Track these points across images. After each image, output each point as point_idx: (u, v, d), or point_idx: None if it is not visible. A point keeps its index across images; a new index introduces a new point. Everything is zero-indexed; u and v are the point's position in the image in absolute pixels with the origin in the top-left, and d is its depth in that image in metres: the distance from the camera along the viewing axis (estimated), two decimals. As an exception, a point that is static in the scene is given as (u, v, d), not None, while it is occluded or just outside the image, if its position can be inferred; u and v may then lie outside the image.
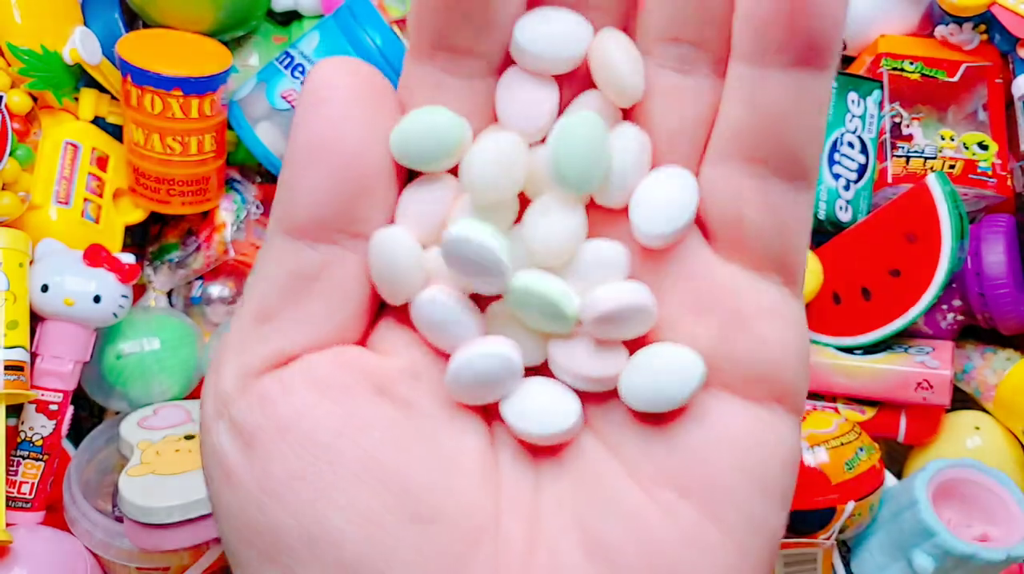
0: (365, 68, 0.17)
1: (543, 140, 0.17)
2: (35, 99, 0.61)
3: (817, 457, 0.54)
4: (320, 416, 0.16)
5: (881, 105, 0.63)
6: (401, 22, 0.68)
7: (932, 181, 0.59)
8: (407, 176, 0.18)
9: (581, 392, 0.18)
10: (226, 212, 0.66)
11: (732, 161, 0.17)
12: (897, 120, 0.63)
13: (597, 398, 0.18)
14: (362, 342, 0.18)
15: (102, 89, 0.63)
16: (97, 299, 0.57)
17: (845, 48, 0.67)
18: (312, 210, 0.17)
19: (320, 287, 0.17)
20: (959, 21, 0.64)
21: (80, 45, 0.59)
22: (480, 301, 0.18)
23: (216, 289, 0.66)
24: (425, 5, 0.17)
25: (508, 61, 0.17)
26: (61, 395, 0.57)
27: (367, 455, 0.16)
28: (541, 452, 0.18)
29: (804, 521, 0.54)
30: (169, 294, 0.68)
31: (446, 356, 0.17)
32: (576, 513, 0.17)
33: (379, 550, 0.16)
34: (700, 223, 0.18)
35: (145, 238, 0.69)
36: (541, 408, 0.17)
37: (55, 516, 0.58)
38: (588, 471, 0.17)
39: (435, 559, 0.16)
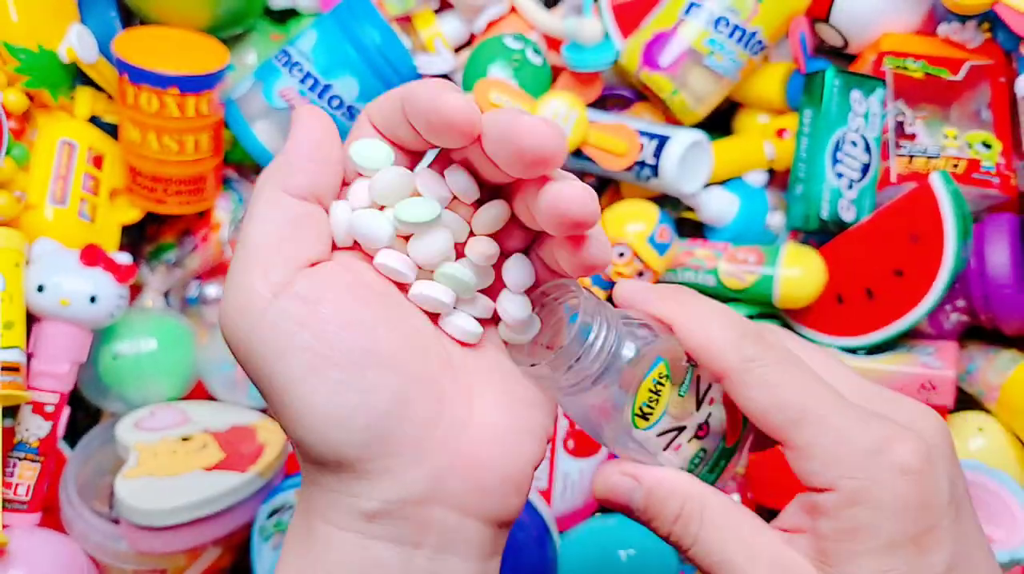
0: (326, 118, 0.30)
1: None
2: (31, 98, 0.60)
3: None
4: (341, 297, 0.27)
5: (884, 104, 0.63)
6: (401, 19, 0.68)
7: (936, 180, 0.58)
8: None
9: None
10: (223, 211, 0.65)
11: None
12: (900, 119, 0.63)
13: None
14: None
15: (99, 87, 0.63)
16: (93, 299, 0.57)
17: (848, 46, 0.67)
18: (305, 184, 0.28)
19: (309, 226, 0.28)
20: (962, 19, 0.64)
21: (76, 43, 0.59)
22: None
23: (213, 289, 0.66)
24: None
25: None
26: (57, 396, 0.57)
27: (377, 316, 0.27)
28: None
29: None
30: (166, 294, 0.67)
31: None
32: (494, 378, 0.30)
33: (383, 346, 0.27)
34: None
35: (141, 238, 0.68)
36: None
37: (52, 518, 0.58)
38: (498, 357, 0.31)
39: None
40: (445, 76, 0.69)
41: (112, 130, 0.64)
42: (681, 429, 0.30)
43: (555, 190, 0.26)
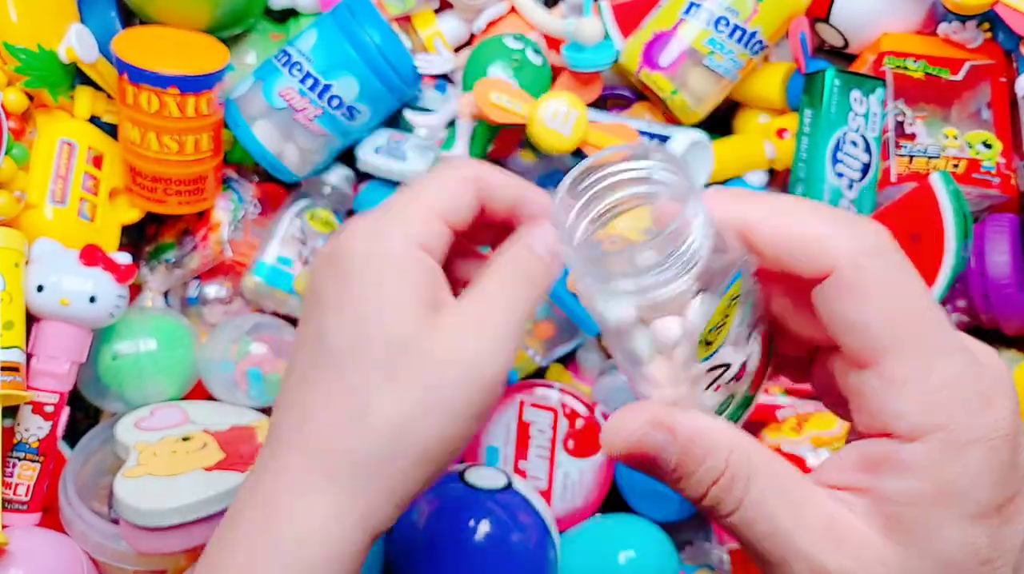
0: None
1: None
2: (31, 98, 0.60)
3: (821, 458, 0.53)
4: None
5: (884, 103, 0.63)
6: (400, 19, 0.68)
7: (936, 180, 0.58)
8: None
9: None
10: (223, 211, 0.65)
11: None
12: (900, 119, 0.63)
13: None
14: None
15: (98, 87, 0.63)
16: (93, 299, 0.56)
17: (848, 46, 0.67)
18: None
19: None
20: (963, 19, 0.64)
21: (76, 43, 0.59)
22: None
23: (212, 289, 0.66)
24: None
25: None
26: (57, 396, 0.57)
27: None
28: None
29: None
30: (165, 294, 0.67)
31: None
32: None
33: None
34: None
35: (141, 238, 0.68)
36: None
37: (51, 518, 0.58)
38: None
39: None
40: (445, 76, 0.69)
41: (112, 130, 0.64)
42: (727, 367, 0.25)
43: None
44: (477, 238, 0.35)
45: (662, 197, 0.24)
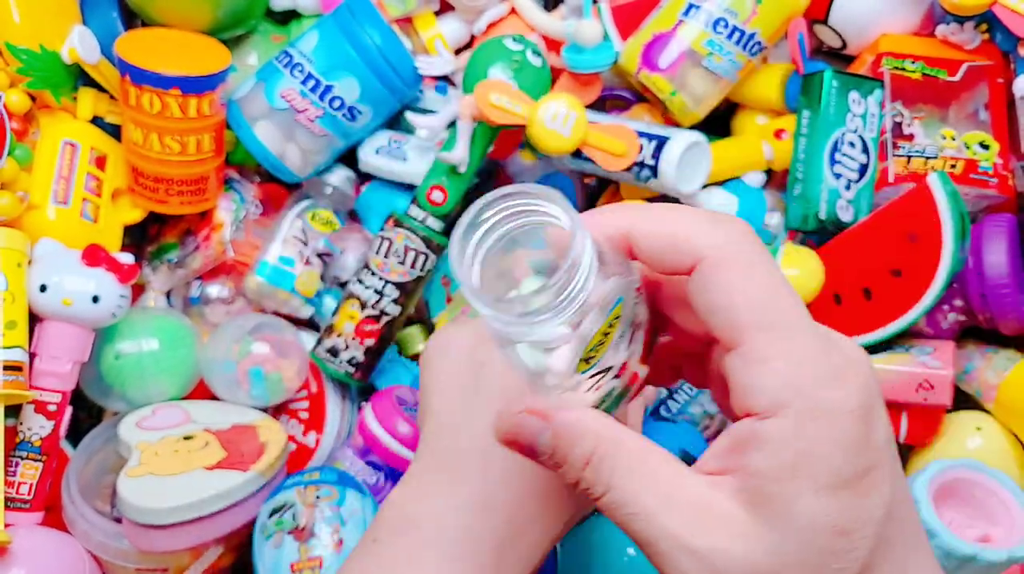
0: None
1: None
2: (33, 99, 0.60)
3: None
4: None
5: (882, 104, 0.63)
6: (401, 21, 0.68)
7: (933, 181, 0.58)
8: None
9: None
10: (225, 212, 0.65)
11: None
12: (898, 119, 0.63)
13: None
14: None
15: (101, 88, 0.63)
16: (95, 299, 0.57)
17: (846, 47, 0.67)
18: None
19: None
20: (960, 20, 0.64)
21: (78, 44, 0.59)
22: None
23: (215, 289, 0.66)
24: None
25: None
26: (60, 395, 0.57)
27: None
28: None
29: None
30: (168, 294, 0.67)
31: None
32: None
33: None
34: None
35: (143, 238, 0.68)
36: None
37: (54, 517, 0.58)
38: None
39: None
40: (445, 77, 0.69)
41: (115, 131, 0.64)
42: (608, 370, 0.27)
43: None
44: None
45: (549, 230, 0.25)
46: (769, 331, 0.25)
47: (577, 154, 0.63)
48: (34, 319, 0.57)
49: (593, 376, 0.27)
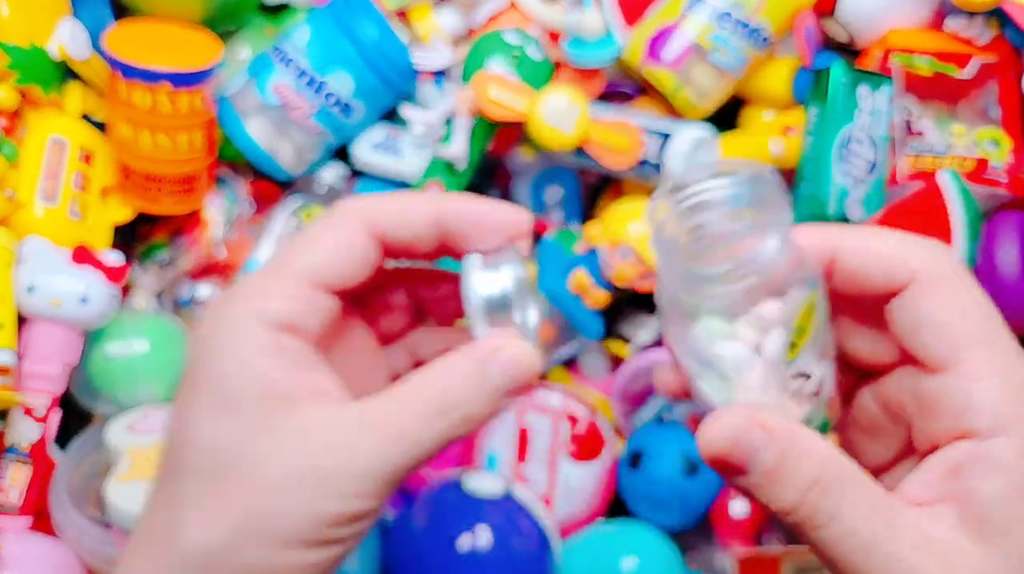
0: None
1: None
2: (22, 95, 0.59)
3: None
4: None
5: (891, 100, 0.62)
6: (397, 13, 0.67)
7: (944, 179, 0.58)
8: None
9: None
10: (216, 210, 0.65)
11: None
12: (908, 116, 0.62)
13: None
14: None
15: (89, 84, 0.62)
16: (85, 300, 0.56)
17: (854, 42, 0.66)
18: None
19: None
20: (970, 15, 0.63)
21: (68, 40, 0.58)
22: None
23: (205, 290, 0.66)
24: None
25: None
26: (49, 398, 0.56)
27: None
28: None
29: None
30: (158, 295, 0.67)
31: None
32: None
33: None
34: None
35: (133, 237, 0.68)
36: None
37: (44, 522, 0.57)
38: None
39: None
40: (442, 71, 0.68)
41: (103, 127, 0.63)
42: (807, 377, 0.26)
43: None
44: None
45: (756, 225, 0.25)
46: (988, 348, 0.24)
47: (579, 151, 0.62)
48: (22, 320, 0.56)
49: (796, 377, 0.25)
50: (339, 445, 0.25)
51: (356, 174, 0.69)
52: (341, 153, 0.68)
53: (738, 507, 0.59)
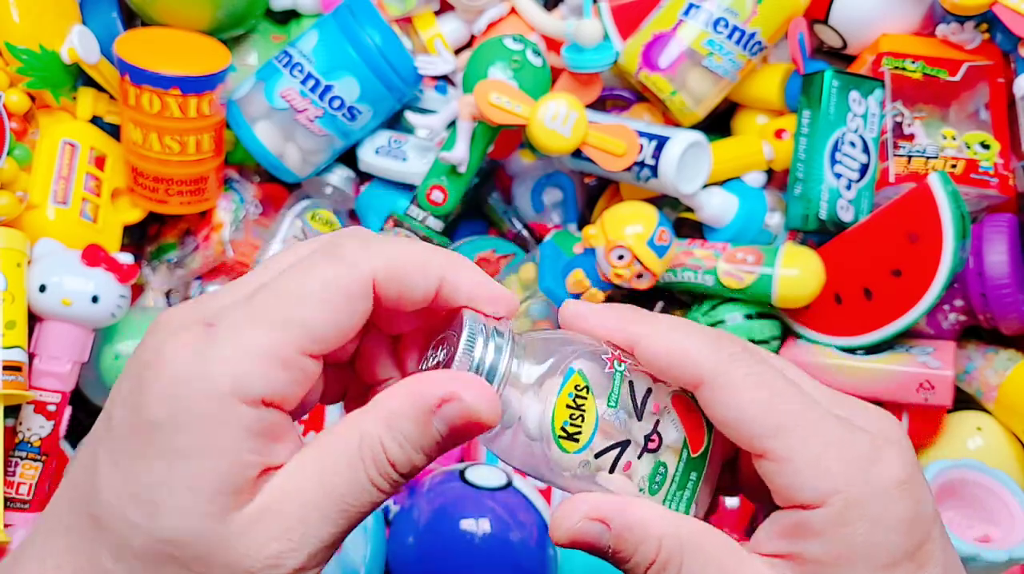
0: None
1: None
2: (33, 99, 0.60)
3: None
4: None
5: (883, 104, 0.63)
6: (401, 21, 0.68)
7: (934, 181, 0.58)
8: None
9: None
10: (224, 212, 0.65)
11: None
12: (899, 119, 0.63)
13: None
14: None
15: (100, 88, 0.63)
16: (95, 299, 0.57)
17: (846, 47, 0.67)
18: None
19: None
20: (961, 20, 0.64)
21: (78, 44, 0.59)
22: None
23: (214, 289, 0.66)
24: None
25: None
26: (59, 396, 0.57)
27: None
28: None
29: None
30: (167, 294, 0.67)
31: None
32: None
33: None
34: None
35: (143, 238, 0.68)
36: None
37: (53, 517, 0.58)
38: None
39: None
40: (445, 77, 0.69)
41: (114, 131, 0.64)
42: (625, 444, 0.27)
43: None
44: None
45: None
46: (790, 432, 0.25)
47: (577, 154, 0.63)
48: (34, 319, 0.57)
49: (603, 454, 0.26)
50: (270, 540, 0.23)
51: (362, 176, 0.70)
52: (348, 156, 0.69)
53: (730, 499, 0.60)
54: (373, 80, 0.63)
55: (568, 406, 0.26)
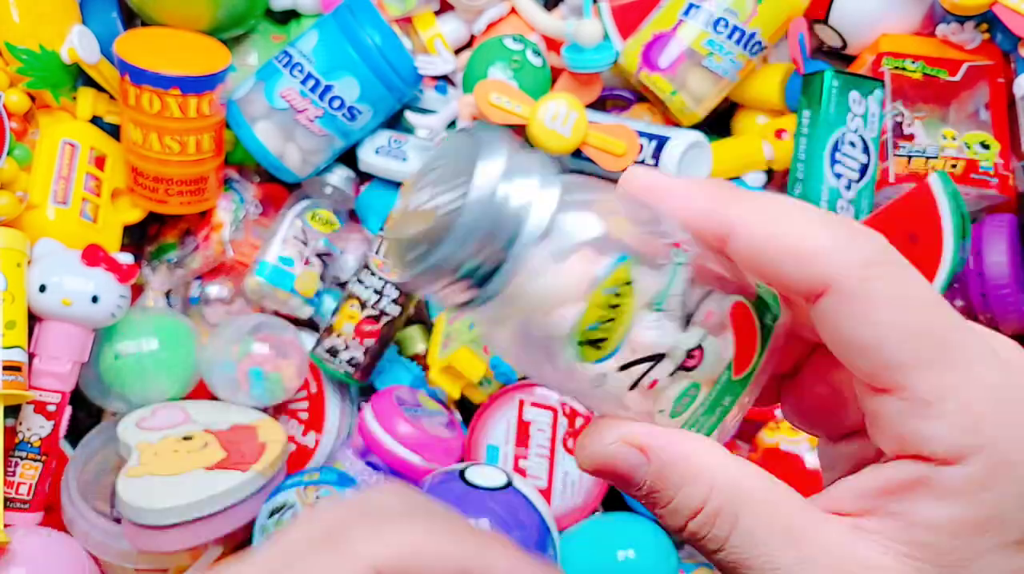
0: None
1: None
2: (33, 98, 0.60)
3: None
4: None
5: (883, 104, 0.63)
6: (401, 20, 0.68)
7: (934, 181, 0.58)
8: None
9: None
10: (224, 212, 0.65)
11: None
12: (899, 119, 0.63)
13: None
14: None
15: (100, 88, 0.63)
16: (95, 299, 0.57)
17: (846, 47, 0.67)
18: None
19: None
20: (961, 20, 0.64)
21: (77, 44, 0.59)
22: None
23: (214, 289, 0.66)
24: None
25: None
26: (59, 395, 0.57)
27: None
28: None
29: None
30: (167, 294, 0.67)
31: None
32: None
33: None
34: None
35: (143, 238, 0.68)
36: None
37: (54, 517, 0.58)
38: None
39: None
40: (445, 77, 0.69)
41: (114, 131, 0.64)
42: (658, 358, 0.21)
43: None
44: None
45: None
46: (937, 368, 0.20)
47: (577, 154, 0.63)
48: (33, 319, 0.57)
49: (627, 368, 0.21)
50: None
51: (362, 176, 0.70)
52: (348, 156, 0.69)
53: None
54: (373, 80, 0.63)
55: (600, 306, 0.20)
